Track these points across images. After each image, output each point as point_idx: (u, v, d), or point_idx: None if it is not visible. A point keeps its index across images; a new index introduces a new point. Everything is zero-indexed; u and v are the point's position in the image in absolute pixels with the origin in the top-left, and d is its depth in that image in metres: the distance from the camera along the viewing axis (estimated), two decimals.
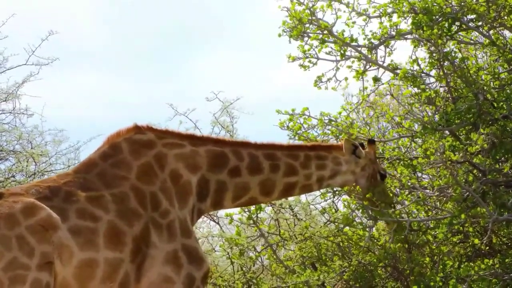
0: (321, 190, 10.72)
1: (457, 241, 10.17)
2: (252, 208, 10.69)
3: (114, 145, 7.48)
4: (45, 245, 6.52)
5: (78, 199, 6.94)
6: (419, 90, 9.79)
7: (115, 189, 7.16)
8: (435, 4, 9.66)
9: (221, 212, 12.48)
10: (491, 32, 10.16)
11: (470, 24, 10.03)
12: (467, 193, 9.32)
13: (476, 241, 9.82)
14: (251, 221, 11.00)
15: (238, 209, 10.78)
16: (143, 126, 7.62)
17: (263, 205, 10.96)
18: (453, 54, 9.79)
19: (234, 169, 7.87)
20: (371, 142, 8.50)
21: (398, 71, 9.88)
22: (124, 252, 6.88)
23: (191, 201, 7.53)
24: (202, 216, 12.86)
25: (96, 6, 30.49)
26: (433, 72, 9.91)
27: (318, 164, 8.25)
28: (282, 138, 10.19)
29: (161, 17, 30.47)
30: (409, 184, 9.42)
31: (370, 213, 9.11)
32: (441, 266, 9.80)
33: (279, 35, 10.01)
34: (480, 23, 10.05)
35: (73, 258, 6.63)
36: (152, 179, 7.37)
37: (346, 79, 10.31)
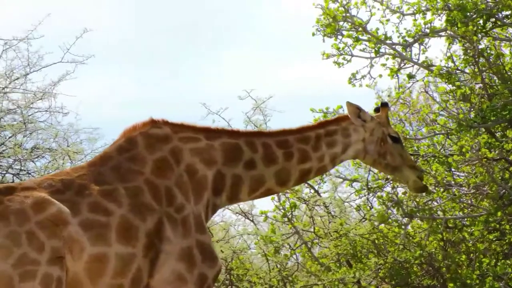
0: (356, 187, 10.71)
1: (494, 239, 10.11)
2: (287, 205, 10.70)
3: (130, 139, 7.46)
4: (55, 240, 6.50)
5: (91, 192, 6.90)
6: (454, 87, 9.73)
7: (129, 183, 7.13)
8: (469, 0, 9.59)
9: (256, 210, 12.52)
10: None
11: (505, 20, 9.94)
12: (503, 190, 9.27)
13: None
14: (286, 219, 11.02)
15: (273, 206, 10.82)
16: (159, 120, 7.61)
17: (297, 202, 10.97)
18: (488, 51, 9.72)
19: (249, 161, 7.79)
20: (384, 105, 8.11)
21: (432, 68, 9.83)
22: (136, 247, 6.84)
23: (206, 196, 7.51)
24: (237, 214, 12.95)
25: (128, 5, 30.59)
26: (468, 69, 9.85)
27: (328, 142, 7.94)
28: None
29: (190, 14, 30.50)
30: (445, 181, 9.37)
31: (405, 210, 9.10)
32: (477, 264, 9.75)
33: (313, 34, 10.00)
34: None
35: (84, 253, 6.60)
36: (168, 174, 7.34)
37: (380, 76, 10.27)
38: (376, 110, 8.15)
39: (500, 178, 9.39)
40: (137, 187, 7.12)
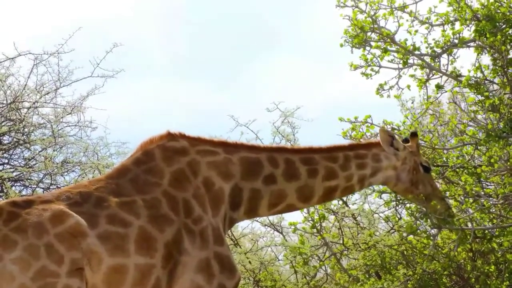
0: (385, 199, 10.71)
1: None
2: (316, 217, 10.71)
3: (147, 151, 7.50)
4: (74, 252, 6.53)
5: (109, 204, 6.94)
6: (483, 97, 9.72)
7: (147, 195, 7.15)
8: (498, 11, 9.59)
9: (284, 222, 12.54)
10: None
11: None
12: None
13: None
14: (315, 230, 11.03)
15: (302, 218, 10.82)
16: (175, 133, 7.65)
17: (326, 213, 10.98)
18: None
19: (269, 176, 7.78)
20: (414, 134, 8.23)
21: (461, 78, 9.83)
22: (155, 258, 6.86)
23: (223, 209, 7.52)
24: (266, 227, 12.97)
25: (157, 18, 30.82)
26: (496, 79, 9.83)
27: (358, 164, 8.04)
28: None
29: (219, 26, 30.68)
30: (473, 192, 9.35)
31: (434, 221, 9.07)
32: (506, 275, 9.71)
33: (341, 45, 10.03)
34: None
35: (102, 265, 6.63)
36: (185, 186, 7.35)
37: (408, 86, 10.27)
38: (405, 140, 8.26)
39: None
40: (155, 198, 7.15)
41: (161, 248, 6.89)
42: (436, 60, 10.01)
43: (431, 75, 10.09)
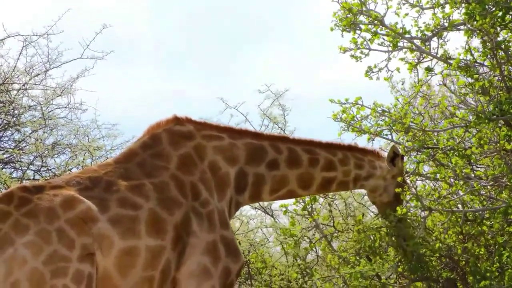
0: None
1: None
2: (307, 198, 10.73)
3: (154, 135, 7.56)
4: (85, 237, 6.57)
5: (118, 188, 7.00)
6: (473, 80, 9.72)
7: (155, 179, 7.21)
8: None
9: (275, 204, 12.56)
10: None
11: None
12: None
13: None
14: (306, 212, 11.04)
15: (293, 200, 10.84)
16: (182, 118, 7.69)
17: (317, 196, 10.99)
18: (506, 43, 9.70)
19: (272, 162, 7.92)
20: (402, 157, 9.05)
21: (451, 61, 9.82)
22: (165, 240, 6.91)
23: (229, 193, 7.59)
24: (255, 207, 12.99)
25: (148, 1, 30.68)
26: (486, 62, 9.82)
27: (356, 163, 8.46)
28: (334, 132, 10.22)
29: (211, 14, 30.55)
30: (464, 174, 9.37)
31: (424, 204, 9.11)
32: (497, 257, 9.74)
33: (331, 29, 10.00)
34: None
35: (113, 248, 6.67)
36: (192, 170, 7.42)
37: (398, 69, 10.27)
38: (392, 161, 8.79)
39: None
40: (163, 181, 7.21)
41: (170, 230, 6.97)
42: (427, 44, 9.99)
43: (421, 58, 10.07)
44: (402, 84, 11.03)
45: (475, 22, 9.43)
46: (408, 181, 9.58)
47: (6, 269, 6.28)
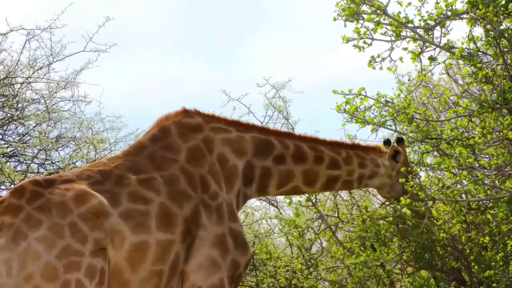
0: None
1: None
2: None
3: (163, 128, 7.55)
4: (98, 231, 6.57)
5: (129, 182, 6.99)
6: (476, 69, 9.70)
7: (165, 171, 7.21)
8: None
9: (280, 196, 12.56)
10: None
11: None
12: None
13: None
14: (310, 203, 11.05)
15: None
16: (191, 110, 7.71)
17: None
18: (509, 32, 9.67)
19: (279, 156, 7.95)
20: (400, 140, 8.94)
21: (454, 50, 9.80)
22: (175, 234, 6.92)
23: (237, 185, 7.60)
24: (260, 198, 13.01)
25: None
26: (489, 51, 9.80)
27: (359, 162, 8.49)
28: (337, 122, 10.21)
29: (213, 2, 30.52)
30: (467, 164, 9.36)
31: (429, 193, 9.11)
32: (501, 246, 9.74)
33: (334, 19, 9.98)
34: None
35: (125, 242, 6.68)
36: (201, 162, 7.43)
37: (401, 58, 10.25)
38: (400, 140, 8.73)
39: None
40: (173, 174, 7.21)
41: (180, 223, 6.97)
42: (430, 33, 9.97)
43: (424, 47, 10.05)
44: (409, 79, 10.99)
45: (478, 11, 9.41)
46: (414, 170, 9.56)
47: (20, 263, 6.27)
